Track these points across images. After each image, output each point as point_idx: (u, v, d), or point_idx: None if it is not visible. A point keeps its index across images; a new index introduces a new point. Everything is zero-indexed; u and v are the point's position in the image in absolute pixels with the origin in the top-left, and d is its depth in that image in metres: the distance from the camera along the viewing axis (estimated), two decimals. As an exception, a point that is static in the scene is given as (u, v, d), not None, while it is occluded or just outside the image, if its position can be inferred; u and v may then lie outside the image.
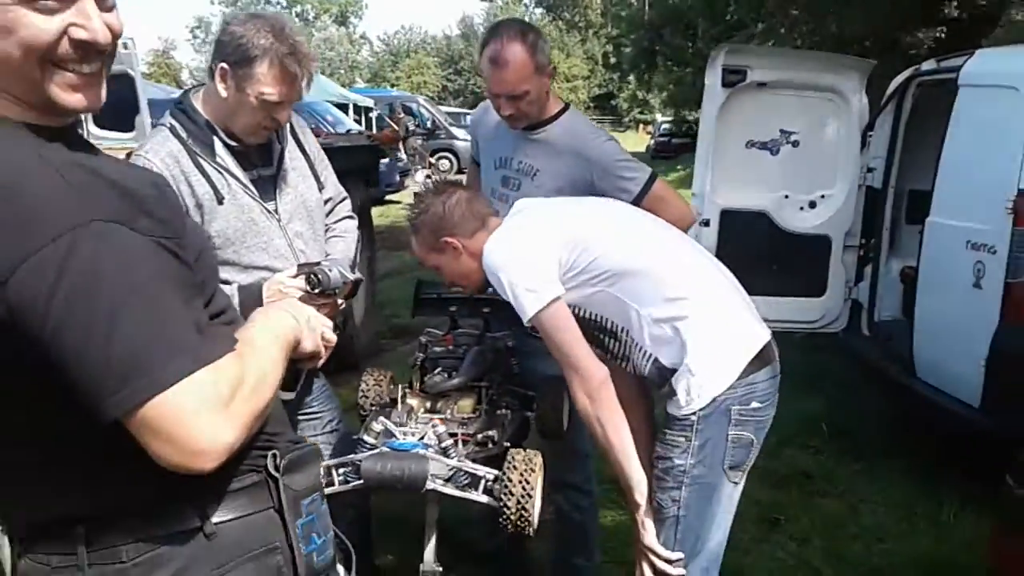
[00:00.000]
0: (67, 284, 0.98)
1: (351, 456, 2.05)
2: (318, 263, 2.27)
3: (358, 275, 2.34)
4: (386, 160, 14.94)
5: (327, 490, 2.03)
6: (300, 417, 2.56)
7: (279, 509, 1.25)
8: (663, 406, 2.12)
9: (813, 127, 4.53)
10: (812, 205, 4.64)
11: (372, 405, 2.42)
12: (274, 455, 1.25)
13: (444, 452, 2.00)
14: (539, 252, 2.03)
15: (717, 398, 1.97)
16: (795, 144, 4.55)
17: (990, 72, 3.83)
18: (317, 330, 1.42)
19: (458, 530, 3.12)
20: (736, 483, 2.08)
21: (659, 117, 34.86)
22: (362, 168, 6.03)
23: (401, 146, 16.73)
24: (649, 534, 2.05)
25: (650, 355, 2.04)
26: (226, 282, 2.25)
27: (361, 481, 1.97)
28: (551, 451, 2.85)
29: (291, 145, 2.44)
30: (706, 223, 4.49)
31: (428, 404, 2.31)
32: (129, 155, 2.40)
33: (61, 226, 0.98)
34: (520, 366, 2.60)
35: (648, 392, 2.34)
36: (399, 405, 2.25)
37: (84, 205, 1.02)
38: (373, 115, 17.70)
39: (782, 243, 4.60)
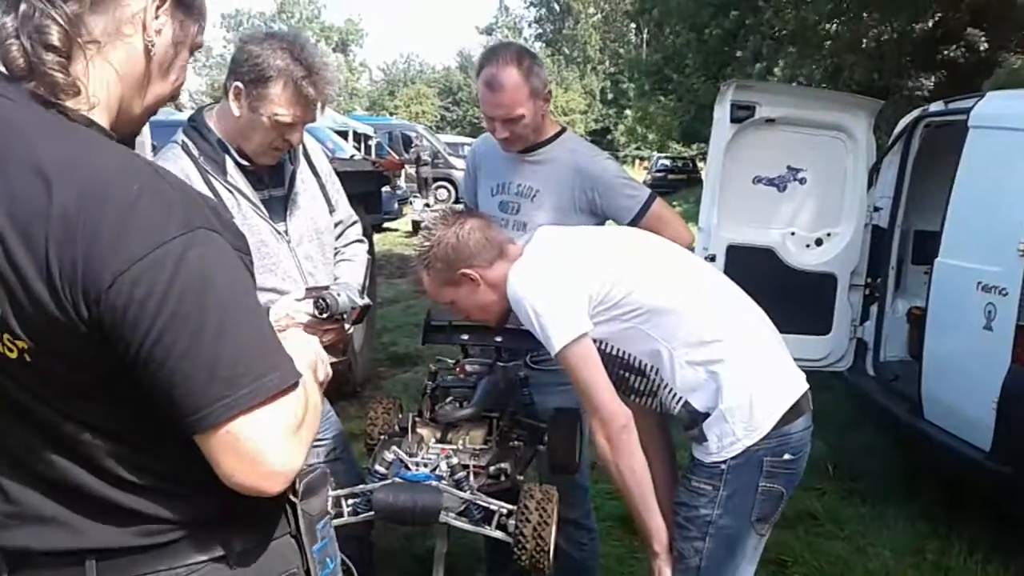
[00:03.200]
0: (181, 284, 0.98)
1: (362, 487, 1.99)
2: (326, 287, 2.23)
3: (367, 300, 2.30)
4: (385, 188, 14.99)
5: (336, 521, 1.98)
6: (305, 445, 2.50)
7: (296, 534, 1.24)
8: (684, 443, 2.07)
9: (821, 164, 4.51)
10: (819, 243, 4.61)
11: (381, 434, 2.36)
12: (293, 480, 1.21)
13: (457, 484, 1.94)
14: (569, 283, 1.95)
15: (750, 448, 1.90)
16: (802, 181, 4.53)
17: (1001, 114, 3.83)
18: (325, 360, 1.40)
19: (460, 563, 3.06)
20: (762, 535, 2.02)
21: (655, 154, 35.06)
22: (365, 194, 6.00)
23: (402, 174, 16.76)
24: None
25: (680, 398, 1.96)
26: None
27: (372, 512, 1.91)
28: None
29: (303, 166, 2.41)
30: (712, 258, 4.45)
31: (438, 434, 2.26)
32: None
33: (174, 229, 1.00)
34: (531, 398, 2.55)
35: (667, 430, 2.29)
36: (409, 435, 2.20)
37: (190, 212, 1.04)
38: (372, 143, 17.75)
39: (788, 280, 4.56)
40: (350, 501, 2.01)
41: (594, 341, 1.94)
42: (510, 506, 1.90)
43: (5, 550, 1.14)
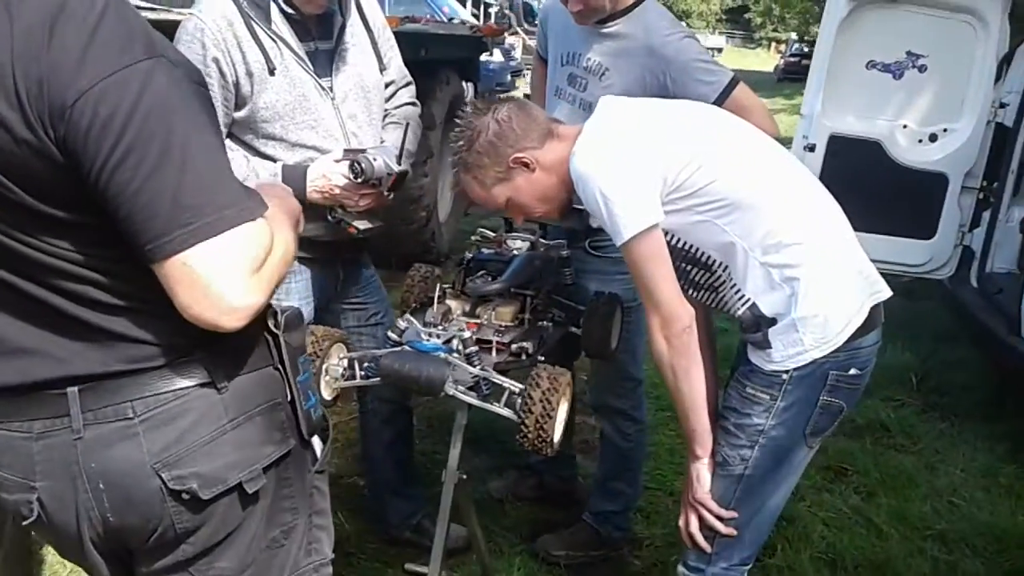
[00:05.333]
0: (146, 106, 0.98)
1: (372, 351, 1.96)
2: (364, 150, 2.15)
3: (404, 167, 2.21)
4: (498, 59, 14.68)
5: (348, 383, 1.98)
6: (344, 306, 2.50)
7: (279, 366, 1.25)
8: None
9: (945, 51, 4.06)
10: (932, 138, 4.21)
11: (415, 301, 2.32)
12: (274, 313, 1.23)
13: (468, 359, 1.88)
14: (644, 164, 1.74)
15: (817, 360, 1.77)
16: (922, 69, 4.11)
17: None
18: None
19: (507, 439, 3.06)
20: (812, 448, 1.90)
21: (792, 36, 33.04)
22: (459, 59, 5.85)
23: (519, 44, 16.30)
24: (703, 487, 1.88)
25: (747, 299, 1.81)
26: (271, 158, 2.17)
27: (378, 379, 1.89)
28: (600, 373, 2.75)
29: (355, 19, 2.30)
30: (811, 148, 4.14)
31: (467, 307, 2.19)
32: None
33: (140, 52, 1.00)
34: (574, 280, 2.45)
35: (712, 325, 2.16)
36: (435, 305, 2.14)
37: (153, 38, 1.03)
38: (493, 9, 17.26)
39: (893, 177, 4.20)
40: (365, 364, 1.99)
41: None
42: (520, 385, 1.84)
43: None
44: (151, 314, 1.11)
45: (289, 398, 1.26)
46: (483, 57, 13.00)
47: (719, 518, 1.87)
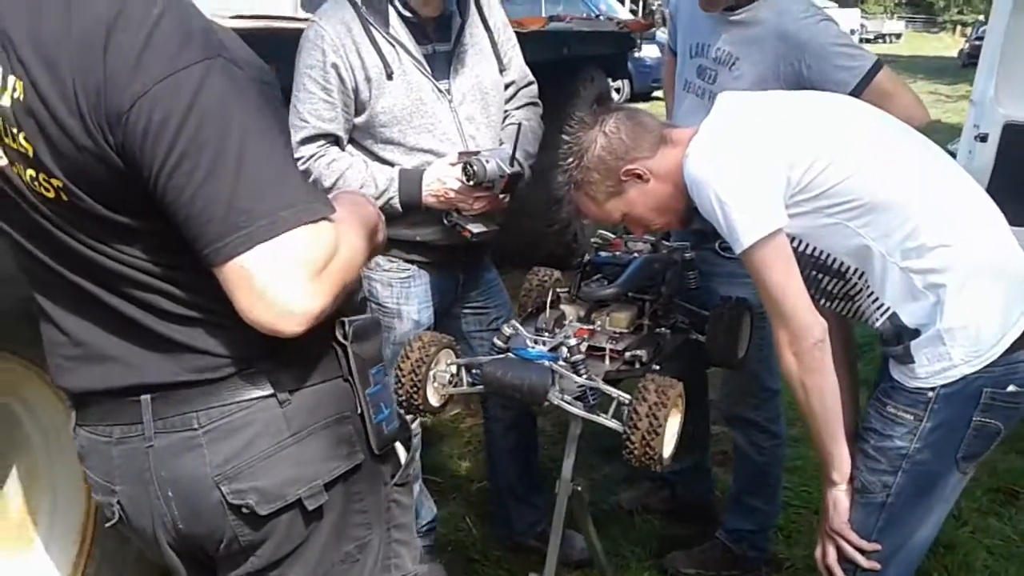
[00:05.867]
0: (200, 109, 0.96)
1: (478, 358, 1.91)
2: (477, 152, 2.12)
3: (516, 168, 2.15)
4: (655, 55, 14.37)
5: (455, 390, 1.93)
6: (464, 310, 2.48)
7: (349, 378, 1.21)
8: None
9: None
10: None
11: (532, 306, 2.26)
12: (342, 323, 1.19)
13: (574, 367, 1.79)
14: (764, 164, 1.61)
15: (968, 376, 1.58)
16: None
17: None
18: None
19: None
20: (966, 473, 1.70)
21: (980, 18, 30.70)
22: (604, 56, 5.73)
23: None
24: (840, 515, 1.73)
25: (887, 309, 1.65)
26: (390, 163, 2.18)
27: (482, 386, 1.84)
28: (732, 383, 2.59)
29: (474, 20, 2.26)
30: (983, 138, 3.78)
31: (582, 313, 2.11)
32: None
33: (196, 54, 0.98)
34: (700, 284, 2.31)
35: (853, 339, 1.98)
36: (547, 310, 2.07)
37: (211, 39, 1.01)
38: (656, 5, 16.94)
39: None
40: (473, 371, 1.95)
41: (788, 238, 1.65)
42: (629, 396, 1.74)
43: (71, 391, 1.20)
44: (217, 325, 1.10)
45: (359, 411, 1.22)
46: (639, 54, 12.79)
47: (860, 550, 1.70)
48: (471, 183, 2.08)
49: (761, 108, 1.75)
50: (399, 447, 1.33)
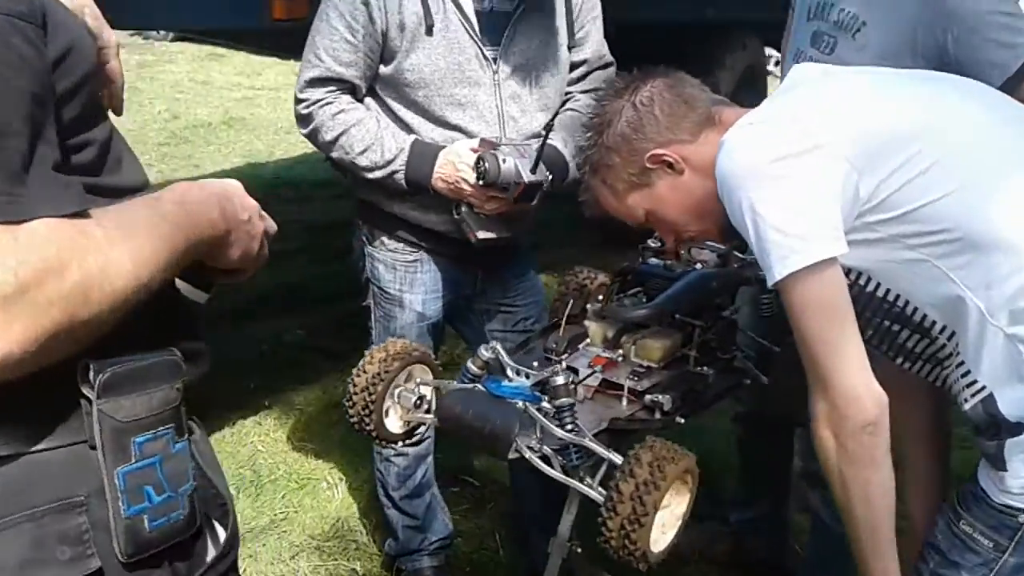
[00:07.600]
0: None
1: (452, 382, 1.52)
2: (498, 145, 1.76)
3: (535, 177, 1.76)
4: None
5: (421, 417, 1.55)
6: (488, 307, 2.13)
7: (95, 447, 0.83)
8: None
9: None
10: None
11: (563, 314, 1.83)
12: (86, 367, 0.81)
13: (558, 413, 1.36)
14: (822, 167, 1.17)
15: None
16: None
17: None
18: (255, 238, 0.95)
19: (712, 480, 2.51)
20: None
21: None
22: (762, 22, 5.06)
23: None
24: None
25: (981, 387, 1.19)
26: (409, 128, 1.84)
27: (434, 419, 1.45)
28: (804, 435, 2.08)
29: None
30: None
31: (610, 333, 1.67)
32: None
33: None
34: (775, 311, 1.82)
35: (947, 413, 1.48)
36: (562, 327, 1.65)
37: None
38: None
39: None
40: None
41: (845, 272, 1.20)
42: (621, 459, 1.31)
43: None
44: None
45: (102, 495, 0.84)
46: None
47: None
48: (480, 181, 1.72)
49: (845, 86, 1.29)
50: (217, 526, 0.96)
